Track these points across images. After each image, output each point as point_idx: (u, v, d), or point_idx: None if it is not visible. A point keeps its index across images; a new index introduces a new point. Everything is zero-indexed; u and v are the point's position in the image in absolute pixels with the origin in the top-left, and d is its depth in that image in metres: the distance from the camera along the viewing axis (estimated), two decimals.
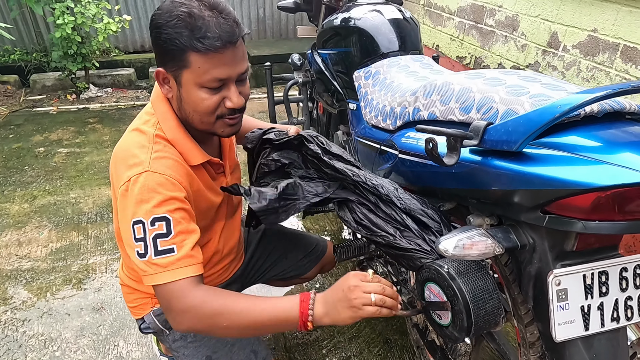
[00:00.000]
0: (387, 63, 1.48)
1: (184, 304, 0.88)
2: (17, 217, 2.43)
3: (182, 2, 0.85)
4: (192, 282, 0.90)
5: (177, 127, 0.98)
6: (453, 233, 0.85)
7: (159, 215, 0.88)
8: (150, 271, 0.89)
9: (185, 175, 0.97)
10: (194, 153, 1.00)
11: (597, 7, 1.96)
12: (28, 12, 4.19)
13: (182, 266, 0.89)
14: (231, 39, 0.86)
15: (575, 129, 0.76)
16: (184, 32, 0.84)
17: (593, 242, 0.82)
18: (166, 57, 0.89)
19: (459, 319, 0.88)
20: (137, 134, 0.97)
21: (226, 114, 0.96)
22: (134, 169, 0.91)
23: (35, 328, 1.75)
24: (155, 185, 0.90)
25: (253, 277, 1.46)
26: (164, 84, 0.95)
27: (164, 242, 0.89)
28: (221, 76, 0.89)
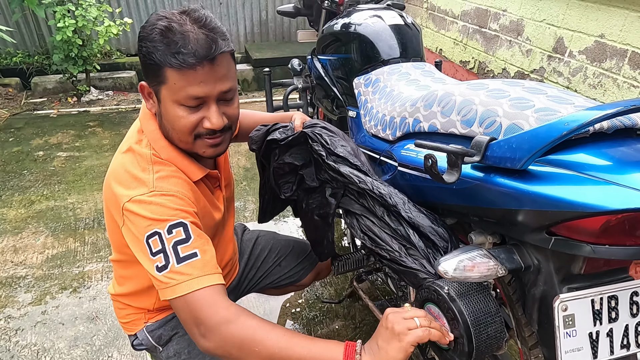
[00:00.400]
0: (387, 70, 1.44)
1: (216, 315, 0.79)
2: (14, 223, 2.40)
3: (165, 15, 0.82)
4: (220, 291, 0.83)
5: (169, 146, 0.94)
6: (454, 253, 0.81)
7: (175, 222, 0.84)
8: (172, 282, 0.81)
9: (191, 192, 0.94)
10: (192, 169, 0.96)
11: (605, 12, 1.91)
12: (30, 14, 4.19)
13: (207, 273, 0.83)
14: (207, 55, 0.81)
15: (583, 146, 0.72)
16: (160, 47, 0.80)
17: (602, 265, 0.77)
18: (147, 70, 0.85)
19: (459, 344, 0.83)
20: (133, 156, 0.93)
21: (204, 134, 0.90)
22: (138, 190, 0.87)
23: (29, 338, 1.72)
24: (164, 201, 0.86)
25: (247, 287, 1.42)
26: (149, 99, 0.92)
27: (186, 248, 0.83)
28: (197, 94, 0.84)
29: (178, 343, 1.11)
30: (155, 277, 0.84)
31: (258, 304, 1.91)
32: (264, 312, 1.87)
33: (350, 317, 1.85)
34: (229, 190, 1.18)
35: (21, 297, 1.91)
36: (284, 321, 1.84)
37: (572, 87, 2.12)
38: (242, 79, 4.67)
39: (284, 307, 1.91)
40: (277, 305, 1.91)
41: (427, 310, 0.92)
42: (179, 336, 1.11)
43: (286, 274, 1.46)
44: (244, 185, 2.82)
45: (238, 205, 2.59)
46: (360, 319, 1.84)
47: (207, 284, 0.82)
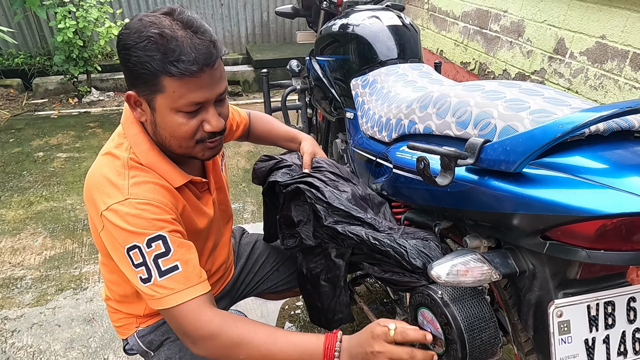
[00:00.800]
0: (384, 71, 1.42)
1: (200, 330, 0.84)
2: (12, 224, 2.40)
3: (152, 21, 0.79)
4: (204, 302, 0.86)
5: (151, 150, 0.92)
6: (447, 257, 0.79)
7: (153, 235, 0.84)
8: (157, 295, 0.84)
9: (169, 197, 0.92)
10: (173, 175, 0.94)
11: (606, 12, 1.89)
12: (32, 16, 4.20)
13: (190, 285, 0.85)
14: (208, 61, 0.80)
15: (578, 149, 0.71)
16: (156, 56, 0.77)
17: (598, 270, 0.76)
18: (137, 80, 0.82)
19: (452, 349, 0.82)
20: (110, 159, 0.91)
21: (206, 138, 0.89)
22: (113, 198, 0.86)
23: (25, 339, 1.72)
24: (139, 212, 0.85)
25: (243, 292, 1.41)
26: (136, 108, 0.88)
27: (166, 261, 0.84)
28: (198, 100, 0.83)
29: (169, 348, 1.10)
30: (139, 289, 0.86)
31: (255, 306, 1.90)
32: (262, 314, 1.86)
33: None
34: (222, 193, 1.16)
35: (18, 299, 1.91)
36: (282, 323, 1.82)
37: (573, 89, 2.10)
38: (243, 80, 4.67)
39: (282, 309, 1.90)
40: (275, 308, 1.90)
41: (420, 315, 0.90)
42: (170, 341, 1.10)
43: (284, 279, 1.45)
44: (243, 187, 2.81)
45: (237, 207, 2.59)
46: (357, 322, 1.82)
47: (190, 297, 0.85)
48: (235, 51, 5.06)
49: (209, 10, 4.78)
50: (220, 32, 4.92)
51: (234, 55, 5.00)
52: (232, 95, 4.51)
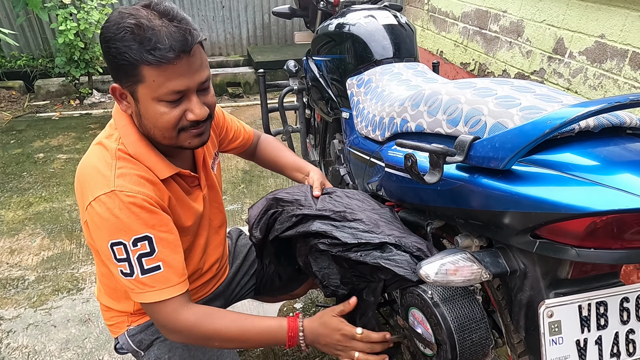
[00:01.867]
0: (379, 70, 1.41)
1: (176, 325, 0.91)
2: (11, 224, 2.40)
3: (129, 12, 0.79)
4: (181, 301, 0.91)
5: (139, 141, 0.93)
6: (436, 256, 0.78)
7: (140, 235, 0.86)
8: (137, 290, 0.89)
9: (155, 190, 0.92)
10: (160, 166, 0.94)
11: (605, 12, 1.87)
12: (34, 18, 4.22)
13: (170, 285, 0.90)
14: (184, 47, 0.80)
15: (568, 146, 0.69)
16: (133, 45, 0.78)
17: (590, 270, 0.74)
18: (119, 72, 0.83)
19: (443, 350, 0.81)
20: (100, 149, 0.92)
21: (189, 127, 0.90)
22: (99, 188, 0.86)
23: (20, 340, 1.71)
24: (126, 206, 0.86)
25: (239, 293, 1.40)
26: (122, 100, 0.89)
27: (150, 261, 0.88)
28: (178, 88, 0.83)
29: (159, 348, 1.09)
30: (118, 279, 0.90)
31: (252, 307, 1.88)
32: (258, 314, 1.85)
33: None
34: (214, 191, 1.15)
35: (14, 299, 1.91)
36: None
37: (572, 89, 2.08)
38: (244, 81, 4.68)
39: (280, 311, 1.89)
40: (273, 308, 1.89)
41: (411, 315, 0.89)
42: (160, 341, 1.10)
43: (280, 283, 1.44)
44: (242, 188, 2.80)
45: (235, 208, 2.58)
46: None
47: (169, 296, 0.90)
48: (237, 53, 5.07)
49: (210, 12, 4.79)
50: (222, 34, 4.93)
51: (235, 56, 5.00)
52: (233, 97, 4.52)
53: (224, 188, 2.78)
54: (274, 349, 1.69)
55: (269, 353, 1.68)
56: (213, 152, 1.17)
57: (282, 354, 1.68)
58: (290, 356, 1.67)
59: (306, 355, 1.66)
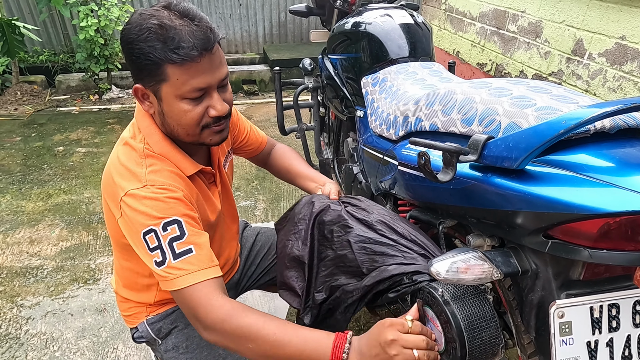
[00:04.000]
0: (395, 69, 1.42)
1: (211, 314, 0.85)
2: (31, 215, 2.47)
3: (151, 13, 0.82)
4: (215, 286, 0.87)
5: (163, 141, 0.95)
6: (448, 254, 0.79)
7: (169, 219, 0.87)
8: (170, 276, 0.87)
9: (184, 185, 0.95)
10: (185, 164, 0.97)
11: (626, 13, 1.84)
12: (57, 14, 4.32)
13: (203, 267, 0.87)
14: (206, 46, 0.83)
15: (583, 147, 0.69)
16: (157, 45, 0.80)
17: (602, 272, 0.74)
18: (142, 72, 0.85)
19: (452, 348, 0.81)
20: (128, 150, 0.95)
21: (211, 123, 0.92)
22: (132, 183, 0.89)
23: (38, 327, 1.76)
24: (157, 195, 0.88)
25: (247, 283, 1.42)
26: (144, 100, 0.92)
27: (181, 244, 0.87)
28: (201, 85, 0.86)
29: (177, 337, 1.12)
30: (154, 271, 0.88)
31: (263, 302, 1.91)
32: (269, 310, 1.87)
33: (355, 319, 1.83)
34: (225, 188, 1.18)
35: (34, 287, 1.96)
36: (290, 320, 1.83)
37: (591, 91, 2.05)
38: (260, 79, 4.71)
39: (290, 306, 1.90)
40: (283, 305, 1.91)
41: None
42: (178, 330, 1.12)
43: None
44: (255, 185, 2.83)
45: (248, 204, 2.61)
46: (364, 321, 1.82)
47: (203, 279, 0.87)
48: (253, 51, 5.10)
49: (227, 10, 4.83)
50: (238, 32, 4.97)
51: (251, 54, 5.04)
52: (248, 95, 4.55)
53: (238, 184, 2.81)
54: None
55: None
56: (227, 150, 1.20)
57: None
58: None
59: None
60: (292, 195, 2.72)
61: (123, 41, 0.85)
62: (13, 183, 2.79)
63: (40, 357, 1.63)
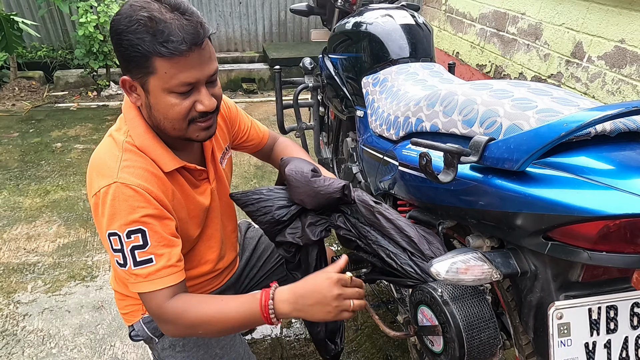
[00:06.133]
0: (395, 70, 1.42)
1: (164, 315, 0.92)
2: (29, 211, 2.46)
3: (141, 5, 0.81)
4: (171, 291, 0.92)
5: (146, 133, 0.94)
6: (448, 255, 0.79)
7: (133, 228, 0.88)
8: (131, 280, 0.91)
9: (158, 183, 0.94)
10: (165, 159, 0.96)
11: (626, 16, 1.85)
12: (55, 10, 4.30)
13: (161, 276, 0.91)
14: (196, 40, 0.82)
15: (584, 149, 0.70)
16: (146, 37, 0.80)
17: (601, 274, 0.75)
18: (130, 64, 0.84)
19: (451, 348, 0.82)
20: (109, 141, 0.95)
21: (197, 118, 0.91)
22: (104, 179, 0.89)
23: (35, 323, 1.76)
24: (125, 197, 0.88)
25: (248, 285, 1.42)
26: (132, 92, 0.91)
27: (142, 254, 0.89)
28: (189, 80, 0.85)
29: None
30: (115, 269, 0.93)
31: None
32: None
33: (352, 318, 1.83)
34: (222, 185, 1.17)
35: (31, 284, 1.96)
36: (286, 319, 1.83)
37: (589, 94, 2.06)
38: (259, 78, 4.70)
39: None
40: None
41: (420, 312, 0.90)
42: None
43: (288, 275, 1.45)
44: (254, 183, 2.83)
45: None
46: (362, 321, 1.82)
47: (160, 287, 0.91)
48: (252, 49, 5.10)
49: (227, 8, 4.82)
50: (238, 30, 4.96)
51: (251, 53, 5.04)
52: (247, 93, 4.55)
53: (236, 182, 2.80)
54: (281, 341, 1.71)
55: (277, 346, 1.70)
56: (224, 147, 1.19)
57: (289, 347, 1.70)
58: (297, 350, 1.69)
59: (313, 350, 1.68)
60: None
61: (112, 31, 0.84)
62: (10, 179, 2.78)
63: (37, 354, 1.63)
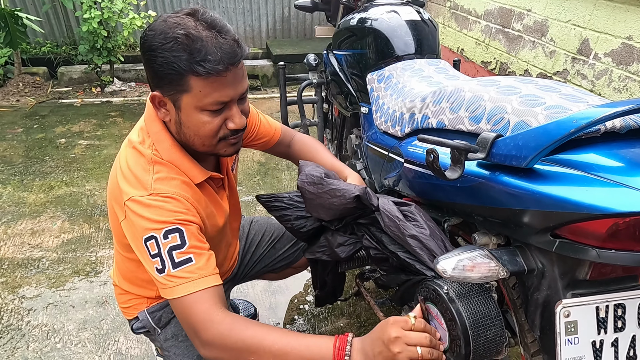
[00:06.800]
0: (401, 66, 1.41)
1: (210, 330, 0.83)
2: (33, 207, 2.47)
3: (176, 22, 0.80)
4: (214, 296, 0.86)
5: (173, 147, 0.94)
6: (454, 252, 0.78)
7: (170, 227, 0.86)
8: (170, 284, 0.86)
9: (192, 193, 0.94)
10: (194, 172, 0.96)
11: (633, 13, 1.84)
12: (59, 6, 4.30)
13: (203, 275, 0.86)
14: (233, 60, 0.82)
15: (593, 146, 0.69)
16: (183, 56, 0.79)
17: (609, 272, 0.74)
18: (162, 81, 0.84)
19: (456, 345, 0.81)
20: (136, 155, 0.94)
21: (229, 135, 0.91)
22: (138, 190, 0.88)
23: (40, 318, 1.77)
24: (161, 204, 0.88)
25: (243, 272, 1.43)
26: (160, 108, 0.90)
27: (180, 254, 0.86)
28: (223, 99, 0.85)
29: (176, 325, 1.12)
30: (155, 278, 0.88)
31: (264, 298, 1.91)
32: (270, 305, 1.88)
33: (355, 315, 1.83)
34: (232, 190, 1.18)
35: (35, 279, 1.97)
36: (290, 316, 1.83)
37: (596, 91, 2.05)
38: (262, 74, 4.70)
39: (291, 302, 1.91)
40: (284, 300, 1.91)
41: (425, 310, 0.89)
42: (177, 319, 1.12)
43: (281, 255, 1.45)
44: (257, 180, 2.83)
45: (250, 200, 2.61)
46: (365, 318, 1.82)
47: (202, 287, 0.85)
48: (256, 46, 5.09)
49: (231, 4, 4.81)
50: (242, 27, 4.95)
51: (254, 49, 5.03)
52: (250, 90, 4.54)
53: (240, 179, 2.81)
54: None
55: None
56: None
57: None
58: None
59: None
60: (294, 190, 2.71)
61: (145, 47, 0.83)
62: (15, 174, 2.79)
63: (41, 349, 1.64)
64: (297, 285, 1.98)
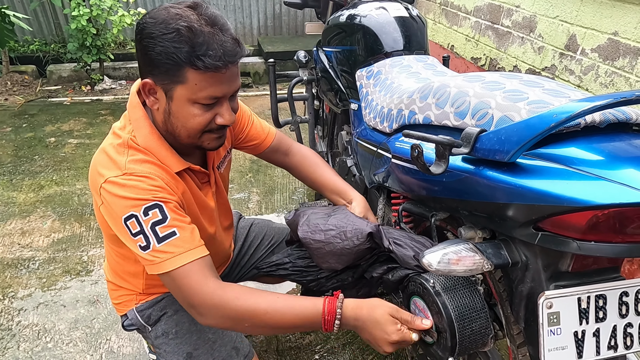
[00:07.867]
0: (389, 63, 1.42)
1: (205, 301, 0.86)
2: (22, 206, 2.45)
3: (179, 14, 0.81)
4: (204, 267, 0.87)
5: (151, 134, 0.94)
6: (439, 246, 0.80)
7: (149, 204, 0.86)
8: (157, 260, 0.86)
9: (168, 176, 0.94)
10: (171, 161, 0.96)
11: (619, 9, 1.85)
12: (47, 3, 4.25)
13: (189, 248, 0.87)
14: (233, 59, 0.83)
15: (574, 140, 0.70)
16: (184, 48, 0.79)
17: (591, 263, 0.75)
18: (157, 69, 0.84)
19: (443, 338, 0.82)
20: (114, 138, 0.95)
21: (215, 129, 0.92)
22: (111, 171, 0.88)
23: (31, 318, 1.76)
24: (137, 182, 0.88)
25: (239, 273, 1.43)
26: (150, 95, 0.90)
27: (163, 228, 0.86)
28: (218, 94, 0.86)
29: (166, 323, 1.12)
30: (139, 256, 0.88)
31: None
32: None
33: None
34: (220, 188, 1.17)
35: (25, 279, 1.95)
36: None
37: (583, 86, 2.07)
38: (254, 71, 4.68)
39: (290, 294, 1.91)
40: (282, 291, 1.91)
41: (412, 303, 0.91)
42: (167, 316, 1.13)
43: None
44: (249, 177, 2.83)
45: (242, 197, 2.61)
46: None
47: (191, 259, 0.86)
48: (247, 43, 5.07)
49: (222, 1, 4.79)
50: (233, 23, 4.93)
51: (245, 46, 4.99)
52: (242, 87, 4.52)
53: (231, 177, 2.80)
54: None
55: (272, 338, 1.71)
56: (227, 147, 1.19)
57: (285, 339, 1.71)
58: (293, 342, 1.70)
59: (309, 342, 1.69)
60: (286, 188, 2.72)
61: (143, 34, 0.82)
62: (4, 174, 2.76)
63: (32, 348, 1.63)
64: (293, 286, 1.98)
